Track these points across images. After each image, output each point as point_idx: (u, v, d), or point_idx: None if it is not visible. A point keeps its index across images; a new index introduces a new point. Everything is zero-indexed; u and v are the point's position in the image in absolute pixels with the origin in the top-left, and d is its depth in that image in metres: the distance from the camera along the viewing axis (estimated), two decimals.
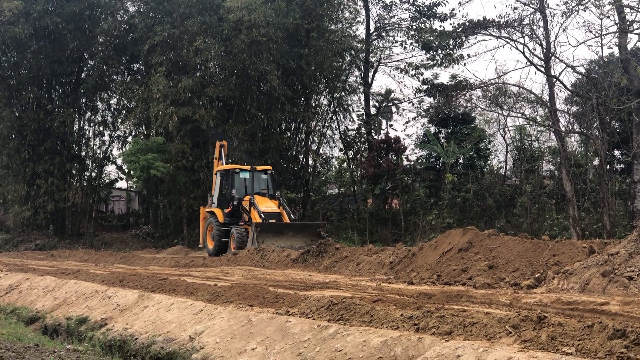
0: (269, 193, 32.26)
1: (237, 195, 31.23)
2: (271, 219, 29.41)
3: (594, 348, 7.37)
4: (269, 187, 32.76)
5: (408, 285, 15.25)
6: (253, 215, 29.79)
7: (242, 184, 31.99)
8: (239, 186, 31.82)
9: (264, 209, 29.76)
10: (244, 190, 31.74)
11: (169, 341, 12.53)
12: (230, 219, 31.06)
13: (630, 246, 12.64)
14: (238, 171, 32.14)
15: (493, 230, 19.31)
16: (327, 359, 9.36)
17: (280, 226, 29.18)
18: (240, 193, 31.53)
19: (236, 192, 31.28)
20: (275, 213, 30.03)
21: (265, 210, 29.64)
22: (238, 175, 32.04)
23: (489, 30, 33.55)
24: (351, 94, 48.56)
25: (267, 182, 32.91)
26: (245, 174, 32.03)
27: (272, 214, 29.78)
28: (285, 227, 29.15)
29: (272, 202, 31.04)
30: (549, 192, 37.59)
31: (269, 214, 29.58)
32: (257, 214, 29.50)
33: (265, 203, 30.60)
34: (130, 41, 43.24)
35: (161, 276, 19.07)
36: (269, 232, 28.32)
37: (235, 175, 32.00)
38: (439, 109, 42.23)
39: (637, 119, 28.37)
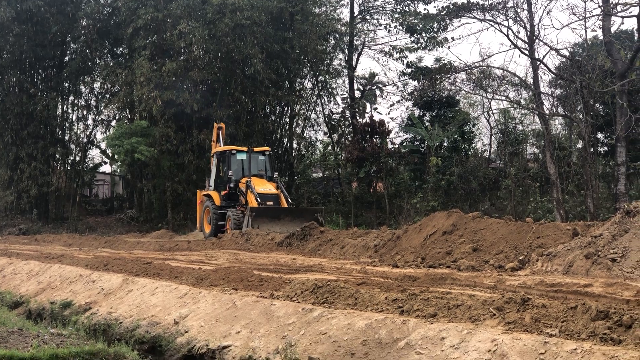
0: (267, 175, 31.61)
1: (234, 177, 30.58)
2: (268, 201, 28.90)
3: (577, 329, 7.40)
4: (267, 168, 32.15)
5: (392, 268, 15.27)
6: (249, 198, 29.15)
7: (239, 165, 31.42)
8: (236, 168, 31.21)
9: (260, 190, 29.19)
10: (241, 172, 31.14)
11: (154, 325, 12.52)
12: (227, 201, 30.58)
13: (614, 228, 12.69)
14: (235, 152, 31.45)
15: (477, 213, 19.33)
16: (312, 341, 9.36)
17: (277, 211, 28.61)
18: (237, 175, 30.88)
19: (233, 174, 30.62)
20: (272, 195, 29.44)
21: (262, 192, 29.09)
22: (235, 156, 31.36)
23: (473, 13, 33.61)
24: (335, 77, 48.52)
25: (265, 164, 32.28)
26: (242, 155, 31.43)
27: (269, 196, 29.22)
28: (282, 212, 28.56)
29: (270, 184, 30.41)
30: (533, 174, 37.72)
31: (265, 196, 29.04)
32: (253, 197, 28.82)
33: (263, 185, 29.97)
34: (113, 25, 43.00)
35: (145, 260, 19.02)
36: (264, 216, 27.73)
37: (232, 156, 31.28)
38: (424, 92, 42.27)
39: (621, 101, 28.44)
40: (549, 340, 7.23)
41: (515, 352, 7.24)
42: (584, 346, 6.87)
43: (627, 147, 29.86)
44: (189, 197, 39.57)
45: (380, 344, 8.62)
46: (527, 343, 7.29)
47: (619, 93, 28.53)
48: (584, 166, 30.78)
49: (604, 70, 29.73)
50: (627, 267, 11.55)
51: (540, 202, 34.24)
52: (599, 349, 6.76)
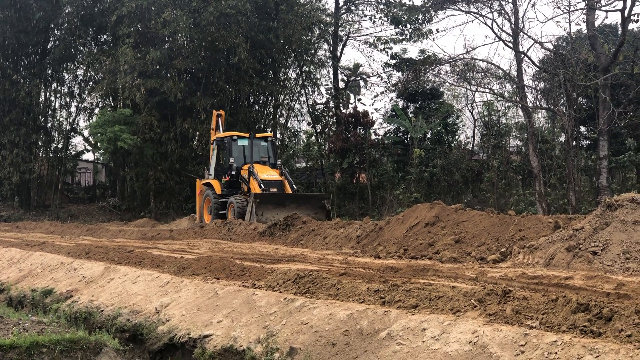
0: (270, 162, 30.70)
1: (235, 164, 29.65)
2: (272, 188, 28.04)
3: (557, 321, 7.44)
4: (270, 155, 31.22)
5: (375, 259, 15.30)
6: (252, 185, 28.21)
7: (240, 152, 30.41)
8: (237, 155, 30.22)
9: (264, 176, 28.31)
10: (243, 159, 30.20)
11: (135, 313, 12.51)
12: (228, 189, 29.76)
13: (595, 222, 12.75)
14: (236, 138, 30.59)
15: (460, 205, 19.38)
16: (293, 331, 9.38)
17: (281, 197, 27.78)
18: (239, 162, 29.94)
19: (234, 161, 29.67)
20: (276, 181, 28.62)
21: (265, 178, 28.17)
22: (236, 142, 30.46)
23: (457, 5, 33.63)
24: (320, 68, 48.53)
25: (268, 150, 31.35)
26: (244, 142, 30.52)
27: (272, 182, 28.34)
28: (287, 198, 27.67)
29: (274, 171, 29.57)
30: (516, 167, 37.82)
31: (269, 182, 28.11)
32: (256, 184, 27.89)
33: (266, 171, 29.11)
34: (97, 12, 42.82)
35: (127, 248, 19.02)
36: (269, 203, 26.93)
37: (233, 142, 30.40)
38: (408, 83, 42.27)
39: (604, 95, 28.54)
40: (529, 332, 7.26)
41: (496, 344, 7.27)
42: (564, 338, 6.91)
43: (609, 140, 29.98)
44: (171, 185, 39.59)
45: (362, 335, 8.64)
46: (508, 335, 7.32)
47: (602, 87, 28.63)
48: (566, 159, 30.85)
49: (587, 64, 29.83)
50: (608, 260, 11.60)
51: (523, 195, 34.36)
52: (579, 341, 6.80)
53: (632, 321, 6.98)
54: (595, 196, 29.34)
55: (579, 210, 27.21)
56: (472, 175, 37.77)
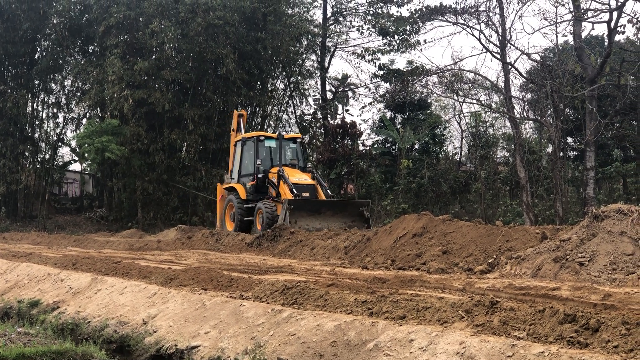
0: (299, 165, 28.74)
1: (262, 167, 27.75)
2: (304, 193, 26.17)
3: (544, 332, 7.45)
4: (299, 157, 29.30)
5: (362, 270, 15.29)
6: (283, 190, 26.39)
7: (267, 154, 28.69)
8: (264, 157, 28.40)
9: (295, 180, 26.40)
10: (270, 161, 28.51)
11: (122, 325, 12.47)
12: (254, 194, 27.65)
13: (582, 232, 12.78)
14: (263, 139, 28.71)
15: (447, 215, 19.41)
16: (281, 342, 9.37)
17: (317, 204, 25.92)
18: (266, 165, 28.15)
19: (261, 164, 27.74)
20: (308, 185, 26.72)
21: (296, 182, 26.30)
22: (263, 143, 28.55)
23: (445, 16, 33.71)
24: (307, 79, 48.67)
25: (297, 153, 29.50)
26: (272, 143, 28.81)
27: (304, 187, 26.50)
28: (323, 205, 25.86)
29: (305, 174, 27.61)
30: (503, 178, 37.94)
31: (301, 187, 26.27)
32: (287, 189, 26.00)
33: (297, 175, 27.16)
34: (85, 22, 42.81)
35: (115, 259, 18.96)
36: (303, 210, 25.00)
37: (259, 143, 28.42)
38: (395, 94, 42.33)
39: (590, 106, 28.65)
40: (516, 343, 7.27)
41: (483, 355, 7.27)
42: (551, 349, 6.91)
43: (596, 151, 30.09)
44: (159, 196, 39.51)
45: (349, 346, 8.63)
46: (495, 346, 7.32)
47: (589, 98, 28.74)
48: (553, 170, 30.94)
49: (574, 75, 29.97)
50: (595, 271, 11.63)
51: (510, 206, 34.46)
52: (566, 352, 6.81)
53: (619, 332, 6.99)
54: (582, 207, 29.43)
55: (566, 221, 27.30)
56: (460, 186, 37.87)
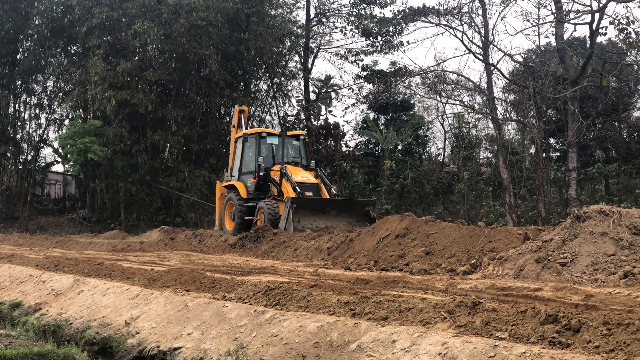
0: (302, 163, 27.81)
1: (264, 165, 26.96)
2: (307, 192, 25.22)
3: (526, 333, 7.47)
4: (302, 155, 28.36)
5: (345, 271, 15.30)
6: (285, 188, 25.44)
7: (269, 151, 28.08)
8: (266, 154, 27.80)
9: (298, 179, 25.45)
10: (272, 159, 27.77)
11: (105, 326, 12.44)
12: (255, 192, 26.82)
13: (564, 233, 12.82)
14: (265, 135, 27.73)
15: (430, 216, 19.45)
16: (264, 344, 9.36)
17: (322, 202, 25.15)
18: (267, 162, 27.37)
19: (262, 161, 26.96)
20: (311, 184, 25.74)
21: (300, 181, 25.34)
22: (265, 140, 27.66)
23: (428, 17, 33.74)
24: (291, 80, 48.62)
25: (300, 150, 28.61)
26: (274, 140, 27.93)
27: (308, 185, 25.53)
28: (327, 204, 25.06)
29: (308, 173, 26.68)
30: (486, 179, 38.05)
31: (304, 185, 25.34)
32: (290, 187, 25.14)
33: (300, 173, 26.20)
34: (67, 23, 42.63)
35: (97, 261, 18.90)
36: (307, 209, 24.28)
37: (261, 140, 27.54)
38: (378, 95, 42.40)
39: (573, 107, 28.76)
40: (498, 343, 7.29)
41: (466, 355, 7.29)
42: (533, 350, 6.94)
43: (578, 152, 30.21)
44: (142, 197, 39.37)
45: (332, 347, 8.63)
46: (477, 346, 7.34)
47: (571, 99, 28.85)
48: (536, 171, 31.05)
49: (556, 76, 30.07)
50: (577, 272, 11.67)
51: (493, 207, 34.56)
52: (548, 352, 6.83)
53: (600, 332, 7.02)
54: (564, 208, 29.53)
55: (549, 222, 27.38)
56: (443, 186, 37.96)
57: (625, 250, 11.83)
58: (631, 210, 13.29)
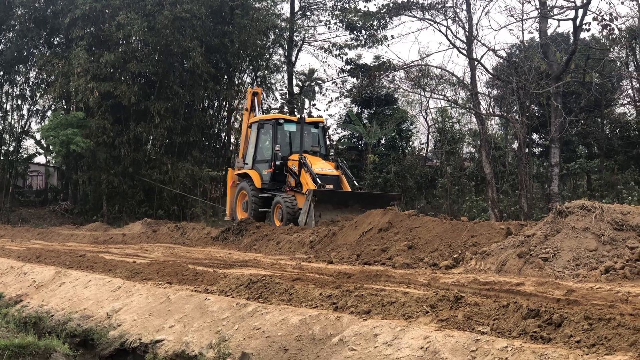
0: (320, 152, 26.47)
1: (281, 153, 25.51)
2: (327, 184, 23.72)
3: (508, 327, 7.49)
4: (321, 144, 26.95)
5: (328, 265, 15.31)
6: (304, 180, 24.04)
7: (286, 139, 26.55)
8: (283, 142, 26.19)
9: (318, 170, 24.05)
10: (289, 147, 26.33)
11: (86, 318, 12.41)
12: (270, 183, 25.50)
13: (546, 228, 12.86)
14: (282, 122, 26.17)
15: (413, 211, 19.49)
16: (245, 336, 9.36)
17: (344, 196, 23.84)
18: (284, 151, 25.92)
19: (279, 149, 25.48)
20: (332, 177, 24.42)
21: (320, 172, 23.92)
22: (282, 127, 26.18)
23: (412, 12, 33.80)
24: (274, 73, 48.55)
25: (318, 138, 27.15)
26: (292, 127, 26.37)
27: (328, 177, 24.15)
28: (351, 197, 23.69)
29: (328, 164, 25.40)
30: (469, 174, 38.12)
31: (325, 177, 23.89)
32: (309, 178, 23.71)
33: (320, 164, 24.85)
34: (50, 14, 42.38)
35: (79, 253, 18.84)
36: (329, 202, 22.83)
37: (278, 127, 26.08)
38: (362, 89, 42.43)
39: (556, 103, 28.84)
40: (480, 337, 7.30)
41: (447, 349, 7.30)
42: (515, 344, 6.96)
43: (560, 148, 30.31)
44: (124, 189, 39.25)
45: (314, 340, 8.64)
46: (459, 340, 7.36)
47: (554, 95, 28.94)
48: (518, 166, 31.15)
49: (539, 72, 30.14)
50: (558, 267, 11.72)
51: (476, 201, 34.61)
52: (529, 346, 6.85)
53: (581, 327, 7.05)
54: (546, 203, 29.63)
55: (531, 217, 27.47)
56: (426, 181, 38.03)
57: (607, 246, 11.89)
58: (613, 205, 13.36)
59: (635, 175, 33.85)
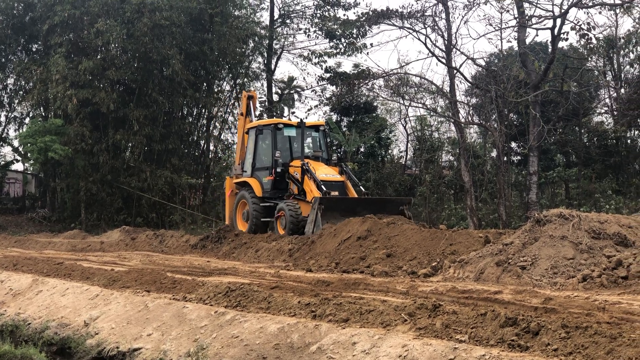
0: (322, 157, 25.52)
1: (281, 160, 24.44)
2: (332, 191, 22.64)
3: (486, 335, 7.51)
4: (322, 148, 26.12)
5: (306, 273, 15.32)
6: (308, 187, 23.01)
7: (287, 144, 25.58)
8: (283, 147, 25.16)
9: (322, 176, 22.98)
10: (289, 153, 25.31)
11: (63, 326, 12.35)
12: (272, 191, 24.41)
13: (524, 236, 12.92)
14: (281, 127, 25.13)
15: (392, 219, 19.48)
16: (224, 345, 9.34)
17: (352, 202, 22.65)
18: (285, 156, 24.83)
19: (280, 156, 24.40)
20: (337, 182, 23.35)
21: (324, 179, 22.85)
22: (281, 132, 25.10)
23: (392, 20, 33.84)
24: (254, 81, 48.43)
25: (319, 142, 26.42)
26: (291, 131, 25.46)
27: (333, 184, 23.09)
28: (359, 204, 22.34)
29: (332, 169, 24.25)
30: (448, 182, 38.20)
31: (329, 184, 22.83)
32: (314, 185, 22.71)
33: (323, 169, 23.79)
34: (28, 21, 42.16)
35: (57, 260, 18.76)
36: (335, 210, 21.57)
37: (277, 132, 24.98)
38: (342, 97, 42.47)
39: (534, 112, 28.97)
40: (458, 346, 7.32)
41: (426, 358, 7.31)
42: (493, 352, 6.98)
43: (539, 156, 30.41)
44: (103, 197, 39.07)
45: (292, 348, 8.63)
46: (437, 349, 7.37)
47: (533, 103, 29.07)
48: (497, 175, 31.25)
49: (518, 80, 30.32)
50: (536, 275, 11.77)
51: (454, 210, 34.69)
52: (507, 355, 6.87)
53: (559, 335, 7.08)
54: (525, 211, 29.73)
55: (509, 225, 27.56)
56: (405, 189, 38.04)
57: (584, 254, 11.95)
58: (590, 214, 13.44)
59: (612, 183, 34.04)
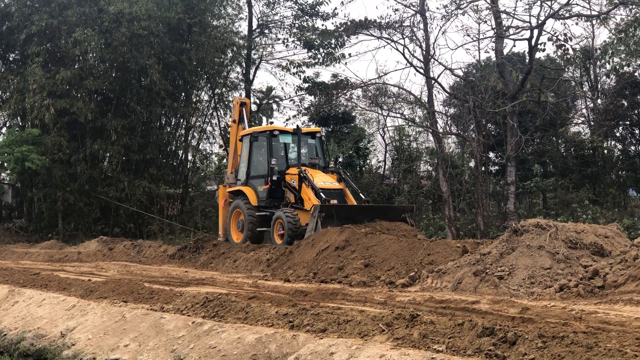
0: (319, 164, 24.98)
1: (277, 168, 23.84)
2: (331, 199, 22.04)
3: (463, 345, 7.53)
4: (319, 156, 25.49)
5: (284, 283, 15.31)
6: (306, 195, 22.51)
7: (283, 152, 25.25)
8: (279, 155, 24.62)
9: (320, 184, 22.48)
10: (285, 160, 24.96)
11: (40, 337, 12.28)
12: (268, 200, 23.82)
13: (502, 246, 12.96)
14: (277, 133, 24.45)
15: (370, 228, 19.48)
16: (201, 355, 9.31)
17: (353, 210, 22.18)
18: (280, 164, 24.23)
19: (276, 164, 23.79)
20: (336, 190, 22.96)
21: (323, 187, 22.37)
22: (277, 139, 24.54)
23: (370, 30, 33.88)
24: (232, 90, 48.34)
25: (316, 150, 25.80)
26: (287, 138, 25.06)
27: (331, 192, 22.63)
28: (360, 212, 21.86)
29: (330, 176, 23.97)
30: (426, 192, 38.24)
31: (328, 192, 22.32)
32: (312, 193, 22.16)
33: (321, 177, 23.38)
34: (5, 30, 41.98)
35: (33, 271, 18.67)
36: (336, 218, 20.71)
37: (273, 139, 24.35)
38: (320, 107, 42.47)
39: (512, 122, 29.08)
40: (435, 356, 7.33)
41: None
42: None
43: (516, 166, 30.51)
44: (81, 207, 38.88)
45: (270, 359, 8.62)
46: (415, 359, 7.37)
47: (510, 114, 29.17)
48: (475, 184, 31.33)
49: (496, 91, 30.43)
50: (514, 285, 11.80)
51: (433, 219, 34.72)
52: None
53: (535, 345, 7.10)
54: (502, 221, 29.81)
55: (487, 235, 27.62)
56: (383, 199, 38.06)
57: (561, 264, 12.00)
58: (567, 224, 13.50)
59: (589, 193, 34.20)
